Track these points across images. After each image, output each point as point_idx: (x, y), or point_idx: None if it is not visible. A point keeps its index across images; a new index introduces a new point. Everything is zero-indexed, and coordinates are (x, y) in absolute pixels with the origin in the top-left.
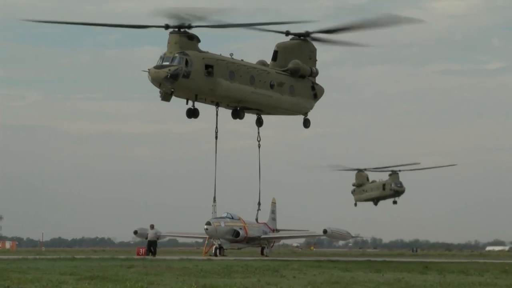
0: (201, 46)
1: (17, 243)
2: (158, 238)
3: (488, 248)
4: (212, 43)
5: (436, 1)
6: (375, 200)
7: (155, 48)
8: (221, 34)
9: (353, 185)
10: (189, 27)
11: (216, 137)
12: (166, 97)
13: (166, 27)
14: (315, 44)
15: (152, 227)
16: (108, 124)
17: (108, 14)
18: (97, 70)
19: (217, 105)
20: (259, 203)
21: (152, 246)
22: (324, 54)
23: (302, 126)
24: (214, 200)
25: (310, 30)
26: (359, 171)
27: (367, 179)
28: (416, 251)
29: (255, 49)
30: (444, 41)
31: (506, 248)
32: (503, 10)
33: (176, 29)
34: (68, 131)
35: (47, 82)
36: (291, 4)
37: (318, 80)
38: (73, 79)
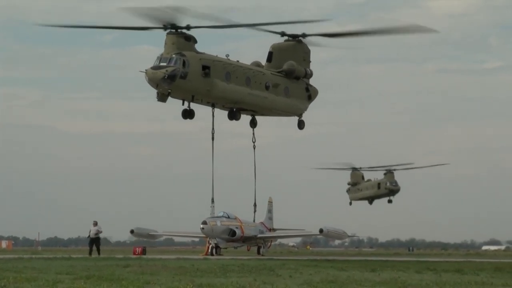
0: (197, 46)
1: (13, 242)
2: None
3: (484, 247)
4: (208, 42)
5: (434, 0)
6: (370, 199)
7: (153, 47)
8: (217, 33)
9: (348, 184)
10: (187, 28)
11: (213, 138)
12: (162, 97)
13: (164, 28)
14: (311, 47)
15: (95, 223)
16: (107, 124)
17: (107, 13)
18: (96, 69)
19: (213, 106)
20: (255, 205)
21: (95, 244)
22: (320, 53)
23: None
24: (212, 201)
25: (308, 31)
26: (354, 170)
27: (362, 178)
28: (412, 250)
29: (252, 49)
30: (442, 40)
31: (502, 247)
32: (502, 10)
33: (174, 30)
34: (68, 131)
35: (47, 82)
36: (290, 4)
37: (314, 78)
38: (73, 78)
